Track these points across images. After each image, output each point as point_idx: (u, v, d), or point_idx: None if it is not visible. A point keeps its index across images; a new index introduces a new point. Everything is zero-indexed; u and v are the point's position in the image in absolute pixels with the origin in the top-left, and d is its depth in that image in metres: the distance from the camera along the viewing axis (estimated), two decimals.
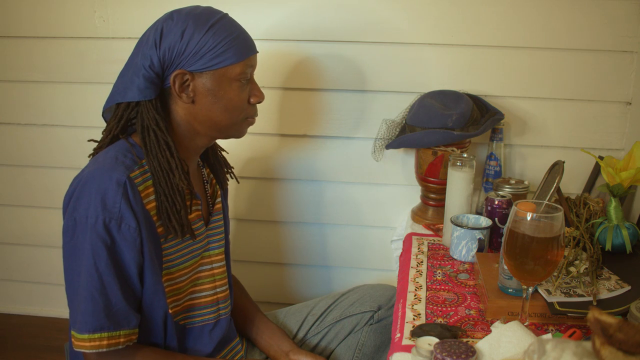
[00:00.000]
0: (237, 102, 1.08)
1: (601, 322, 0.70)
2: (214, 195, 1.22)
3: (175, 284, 1.09)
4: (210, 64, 1.02)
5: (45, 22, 1.68)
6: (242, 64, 1.05)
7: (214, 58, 1.02)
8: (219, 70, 1.04)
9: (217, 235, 1.19)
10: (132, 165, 1.00)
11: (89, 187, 0.96)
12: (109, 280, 0.96)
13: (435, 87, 1.55)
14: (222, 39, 1.02)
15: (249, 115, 1.12)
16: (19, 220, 1.91)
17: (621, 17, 1.48)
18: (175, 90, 1.03)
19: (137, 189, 0.99)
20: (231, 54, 1.03)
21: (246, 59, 1.06)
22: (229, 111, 1.07)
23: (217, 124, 1.08)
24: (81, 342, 0.96)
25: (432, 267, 1.27)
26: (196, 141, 1.10)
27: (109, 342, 0.96)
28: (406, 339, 0.98)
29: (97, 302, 0.95)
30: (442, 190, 1.43)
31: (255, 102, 1.11)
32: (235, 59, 1.04)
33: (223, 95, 1.05)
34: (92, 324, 0.95)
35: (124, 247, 0.97)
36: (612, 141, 1.57)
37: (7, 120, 1.80)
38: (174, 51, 1.01)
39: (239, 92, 1.07)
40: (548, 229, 0.88)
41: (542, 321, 1.02)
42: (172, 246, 1.07)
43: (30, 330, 1.96)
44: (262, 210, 1.77)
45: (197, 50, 1.01)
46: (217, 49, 1.02)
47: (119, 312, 0.97)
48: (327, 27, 1.58)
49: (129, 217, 0.96)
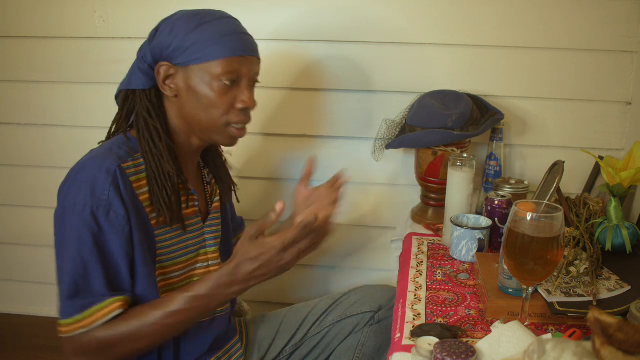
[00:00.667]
0: (217, 102, 1.04)
1: (601, 322, 0.70)
2: (213, 194, 1.22)
3: (169, 279, 1.09)
4: (192, 58, 1.02)
5: (45, 22, 1.68)
6: (225, 62, 1.02)
7: (196, 52, 1.02)
8: (202, 66, 1.03)
9: (214, 233, 1.19)
10: (125, 156, 1.02)
11: (80, 175, 0.98)
12: (93, 267, 0.96)
13: (435, 87, 1.55)
14: (209, 35, 1.02)
15: (231, 120, 1.07)
16: (19, 220, 1.91)
17: (621, 17, 1.48)
18: (160, 82, 1.05)
19: (129, 179, 1.00)
20: (214, 50, 1.02)
21: (232, 57, 1.03)
22: (208, 111, 1.05)
23: (199, 124, 1.07)
24: (73, 326, 0.95)
25: (432, 267, 1.27)
26: (191, 140, 1.11)
27: (103, 312, 0.96)
28: (406, 339, 0.98)
29: (78, 289, 0.96)
30: (442, 190, 1.43)
31: (241, 107, 1.07)
32: (218, 56, 1.02)
33: (203, 93, 1.04)
34: (77, 306, 0.95)
35: (111, 235, 0.97)
36: (612, 141, 1.57)
37: (7, 120, 1.80)
38: (163, 45, 1.04)
39: (221, 93, 1.04)
40: (548, 229, 0.88)
41: (542, 321, 1.02)
42: (166, 240, 1.07)
43: (30, 330, 1.96)
44: (262, 210, 1.76)
45: (182, 45, 1.02)
46: (201, 44, 1.02)
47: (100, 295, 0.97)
48: (327, 27, 1.58)
49: (118, 205, 0.97)
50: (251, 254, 0.98)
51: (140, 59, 1.07)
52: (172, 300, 0.99)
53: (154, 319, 0.98)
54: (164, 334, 1.00)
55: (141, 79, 1.07)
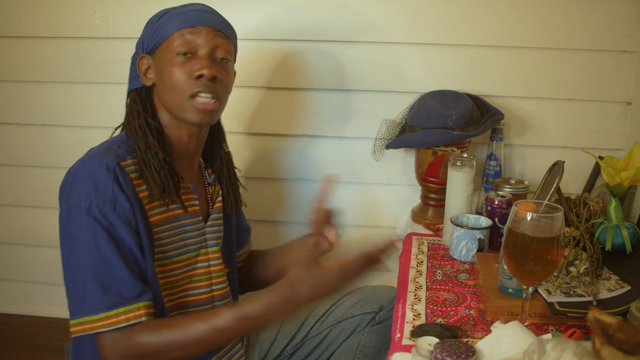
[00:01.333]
0: (179, 77, 1.05)
1: (601, 322, 0.70)
2: (215, 195, 1.22)
3: (169, 277, 1.09)
4: (155, 40, 1.07)
5: (45, 22, 1.68)
6: (178, 34, 1.05)
7: (158, 34, 1.06)
8: (163, 46, 1.06)
9: (215, 233, 1.18)
10: (124, 154, 1.03)
11: (81, 174, 0.98)
12: (114, 259, 0.96)
13: (435, 87, 1.55)
14: (169, 17, 1.06)
15: (193, 91, 1.05)
16: (19, 220, 1.91)
17: (621, 17, 1.48)
18: (141, 75, 1.10)
19: (129, 176, 1.01)
20: (170, 26, 1.05)
21: (184, 28, 1.05)
22: (174, 88, 1.06)
23: (172, 106, 1.08)
24: (99, 323, 0.94)
25: (432, 267, 1.27)
26: (181, 134, 1.12)
27: (127, 316, 0.95)
28: (406, 339, 0.98)
29: (105, 282, 0.95)
30: (442, 190, 1.43)
31: (197, 74, 1.04)
32: (172, 30, 1.05)
33: (165, 71, 1.06)
34: (105, 302, 0.94)
35: (122, 228, 0.98)
36: (612, 141, 1.57)
37: (7, 120, 1.80)
38: (141, 40, 1.11)
39: (180, 67, 1.05)
40: (548, 229, 0.88)
41: (542, 321, 1.02)
42: (164, 237, 1.07)
43: (30, 330, 1.96)
44: (261, 210, 1.76)
45: (150, 33, 1.08)
46: (162, 26, 1.06)
47: (129, 287, 0.96)
48: (328, 27, 1.58)
49: (122, 199, 0.98)
50: (308, 279, 0.96)
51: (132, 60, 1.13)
52: (220, 316, 0.97)
53: (199, 331, 0.96)
54: (206, 348, 0.99)
55: (133, 78, 1.13)
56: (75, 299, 0.97)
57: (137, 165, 1.03)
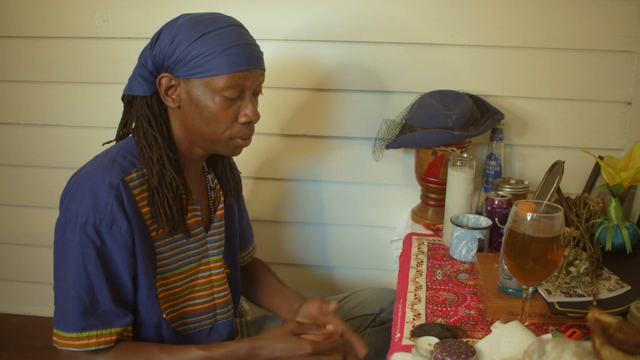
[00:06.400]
0: (220, 117, 1.01)
1: (601, 322, 0.70)
2: (217, 201, 1.19)
3: (170, 289, 1.08)
4: (193, 72, 0.98)
5: (45, 22, 1.68)
6: (228, 78, 0.99)
7: (197, 66, 0.98)
8: (204, 80, 0.99)
9: (217, 242, 1.16)
10: (128, 168, 1.00)
11: (83, 187, 0.97)
12: (97, 280, 0.96)
13: (435, 87, 1.55)
14: (211, 47, 0.98)
15: (235, 134, 1.04)
16: (19, 220, 1.91)
17: (621, 17, 1.48)
18: (162, 93, 1.03)
19: (132, 192, 0.99)
20: (217, 64, 0.98)
21: (235, 72, 0.99)
22: (211, 125, 1.02)
23: (202, 136, 1.04)
24: (69, 341, 0.96)
25: (432, 267, 1.27)
26: (194, 150, 1.09)
27: (98, 340, 0.96)
28: (406, 339, 0.98)
29: (84, 302, 0.96)
30: (442, 190, 1.43)
31: (244, 121, 1.04)
32: (221, 71, 0.98)
33: (205, 107, 1.00)
34: (79, 323, 0.95)
35: (114, 249, 0.97)
36: (612, 141, 1.57)
37: (7, 120, 1.80)
38: (163, 55, 1.00)
39: (224, 108, 1.01)
40: (548, 229, 0.88)
41: (542, 321, 1.02)
42: (166, 251, 1.06)
43: (30, 330, 1.96)
44: (261, 210, 1.77)
45: (183, 57, 0.98)
46: (203, 58, 0.98)
47: (107, 312, 0.97)
48: (328, 27, 1.58)
49: (121, 219, 0.96)
50: (280, 344, 1.01)
51: (141, 65, 1.03)
52: (187, 352, 1.00)
53: None
54: None
55: (142, 85, 1.04)
56: (57, 309, 0.99)
57: (142, 177, 1.01)
